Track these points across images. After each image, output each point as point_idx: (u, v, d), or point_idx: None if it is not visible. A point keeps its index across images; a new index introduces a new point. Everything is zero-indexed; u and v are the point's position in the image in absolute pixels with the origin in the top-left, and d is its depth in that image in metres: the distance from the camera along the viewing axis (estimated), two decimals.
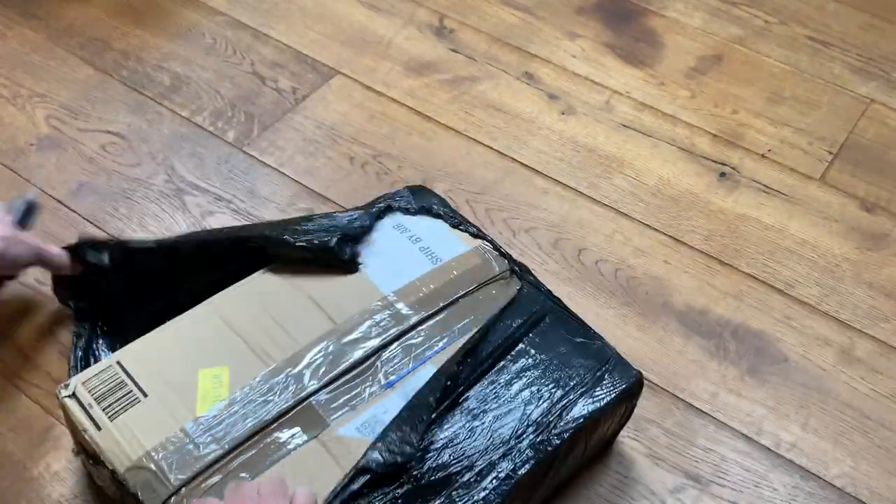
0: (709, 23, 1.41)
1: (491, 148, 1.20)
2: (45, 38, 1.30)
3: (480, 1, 1.42)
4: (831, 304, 1.04)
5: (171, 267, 0.87)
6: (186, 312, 0.80)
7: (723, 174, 1.18)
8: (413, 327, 0.79)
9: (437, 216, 0.90)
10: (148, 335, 0.79)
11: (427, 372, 0.76)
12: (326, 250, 0.82)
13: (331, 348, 0.77)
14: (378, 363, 0.76)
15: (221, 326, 0.78)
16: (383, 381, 0.75)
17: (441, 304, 0.81)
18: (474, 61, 1.32)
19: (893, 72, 1.34)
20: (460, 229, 0.89)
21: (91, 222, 1.07)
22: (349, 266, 0.83)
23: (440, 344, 0.78)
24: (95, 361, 0.84)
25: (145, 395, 0.72)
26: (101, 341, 0.87)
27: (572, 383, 0.78)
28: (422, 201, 0.91)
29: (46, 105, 1.21)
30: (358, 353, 0.77)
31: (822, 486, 0.89)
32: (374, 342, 0.77)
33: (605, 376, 0.79)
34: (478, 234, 0.89)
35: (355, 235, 0.85)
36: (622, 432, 0.90)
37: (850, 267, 1.09)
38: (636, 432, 0.91)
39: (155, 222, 1.07)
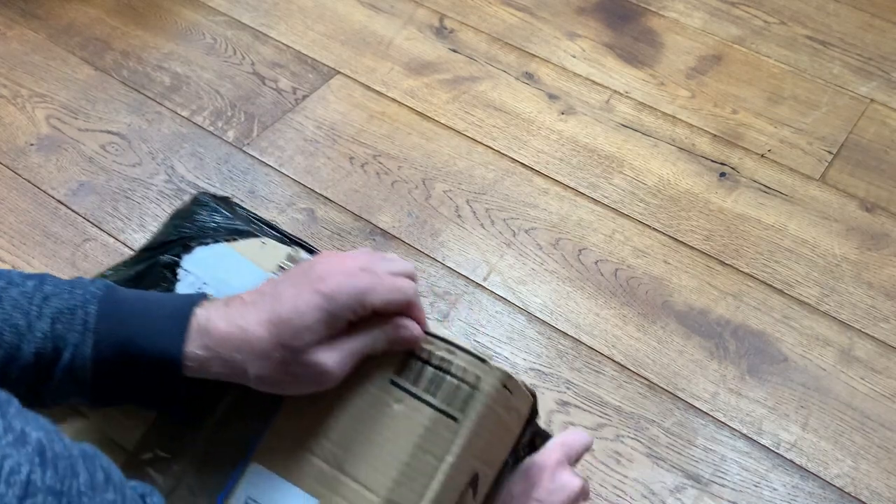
0: (708, 23, 1.41)
1: (491, 148, 1.20)
2: (45, 38, 1.31)
3: (480, 1, 1.42)
4: (831, 304, 1.04)
5: None
6: None
7: (723, 174, 1.18)
8: None
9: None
10: None
11: None
12: None
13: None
14: None
15: None
16: None
17: None
18: (474, 61, 1.32)
19: (893, 72, 1.34)
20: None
21: (91, 222, 1.07)
22: None
23: None
24: None
25: None
26: None
27: None
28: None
29: (46, 105, 1.21)
30: None
31: (822, 486, 0.89)
32: None
33: None
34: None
35: None
36: (624, 432, 0.90)
37: (850, 267, 1.09)
38: (636, 432, 0.91)
39: (155, 222, 1.07)
